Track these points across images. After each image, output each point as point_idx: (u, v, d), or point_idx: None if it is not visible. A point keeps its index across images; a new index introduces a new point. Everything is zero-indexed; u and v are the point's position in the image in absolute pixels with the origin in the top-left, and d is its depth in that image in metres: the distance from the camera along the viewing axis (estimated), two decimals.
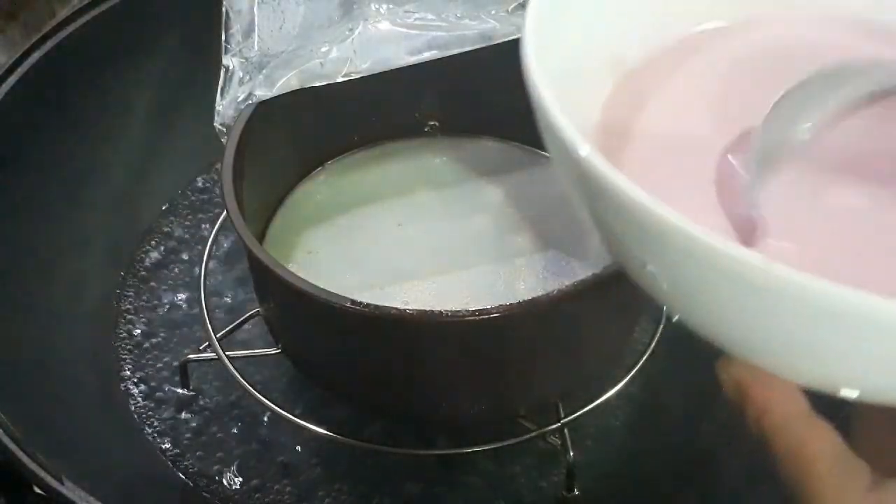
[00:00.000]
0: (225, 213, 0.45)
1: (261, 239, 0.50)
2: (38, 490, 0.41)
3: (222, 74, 0.47)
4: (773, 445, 0.25)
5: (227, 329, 0.50)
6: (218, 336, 0.49)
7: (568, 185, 0.24)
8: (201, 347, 0.52)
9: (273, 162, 0.51)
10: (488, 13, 0.48)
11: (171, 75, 0.59)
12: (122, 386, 0.53)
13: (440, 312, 0.39)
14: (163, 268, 0.58)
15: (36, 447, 0.41)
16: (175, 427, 0.51)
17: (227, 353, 0.49)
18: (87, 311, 0.55)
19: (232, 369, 0.48)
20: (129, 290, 0.57)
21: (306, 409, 0.51)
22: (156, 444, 0.51)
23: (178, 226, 0.60)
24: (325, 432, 0.47)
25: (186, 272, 0.58)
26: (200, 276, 0.53)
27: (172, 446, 0.51)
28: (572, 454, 0.46)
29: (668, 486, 0.49)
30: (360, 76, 0.47)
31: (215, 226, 0.56)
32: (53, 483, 0.39)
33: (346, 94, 0.47)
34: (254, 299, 0.50)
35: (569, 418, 0.47)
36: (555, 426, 0.46)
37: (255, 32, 0.48)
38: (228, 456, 0.50)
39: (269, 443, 0.50)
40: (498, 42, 0.47)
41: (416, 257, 0.49)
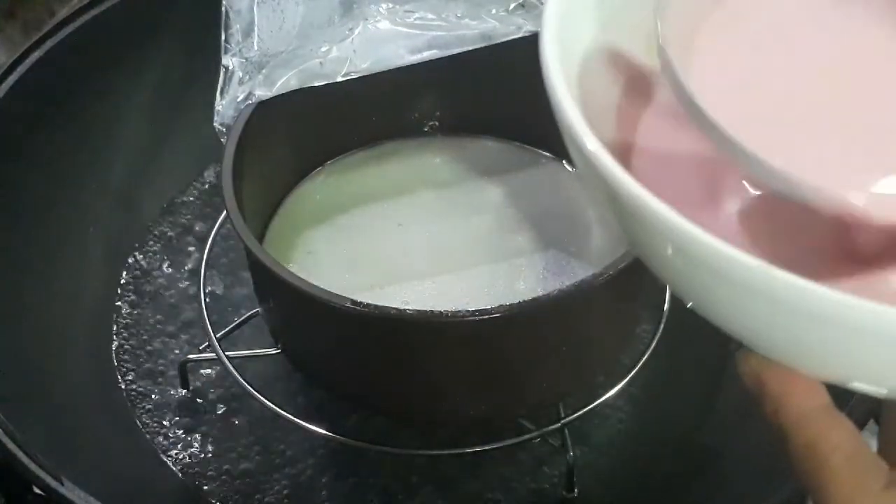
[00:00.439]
0: (225, 213, 0.45)
1: (261, 239, 0.50)
2: (37, 490, 0.41)
3: (222, 74, 0.47)
4: (790, 440, 0.25)
5: (227, 329, 0.50)
6: (218, 336, 0.49)
7: (585, 184, 0.24)
8: (201, 347, 0.52)
9: (273, 162, 0.51)
10: (488, 13, 0.48)
11: (171, 75, 0.59)
12: (122, 386, 0.53)
13: (440, 312, 0.39)
14: (162, 267, 0.58)
15: (35, 447, 0.41)
16: (175, 427, 0.51)
17: (227, 353, 0.49)
18: (87, 311, 0.55)
19: (232, 369, 0.48)
20: (129, 289, 0.57)
21: (306, 409, 0.51)
22: (156, 444, 0.51)
23: (177, 226, 0.60)
24: (325, 432, 0.47)
25: (186, 272, 0.58)
26: (200, 275, 0.53)
27: (172, 446, 0.51)
28: (572, 454, 0.46)
29: (668, 486, 0.49)
30: (360, 76, 0.47)
31: (215, 226, 0.56)
32: (53, 483, 0.39)
33: (345, 94, 0.47)
34: (254, 299, 0.50)
35: (569, 418, 0.47)
36: (555, 426, 0.46)
37: (255, 32, 0.48)
38: (228, 456, 0.50)
39: (269, 443, 0.50)
40: (498, 42, 0.47)
41: (416, 257, 0.49)
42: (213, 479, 0.49)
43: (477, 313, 0.39)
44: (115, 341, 0.55)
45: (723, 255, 0.20)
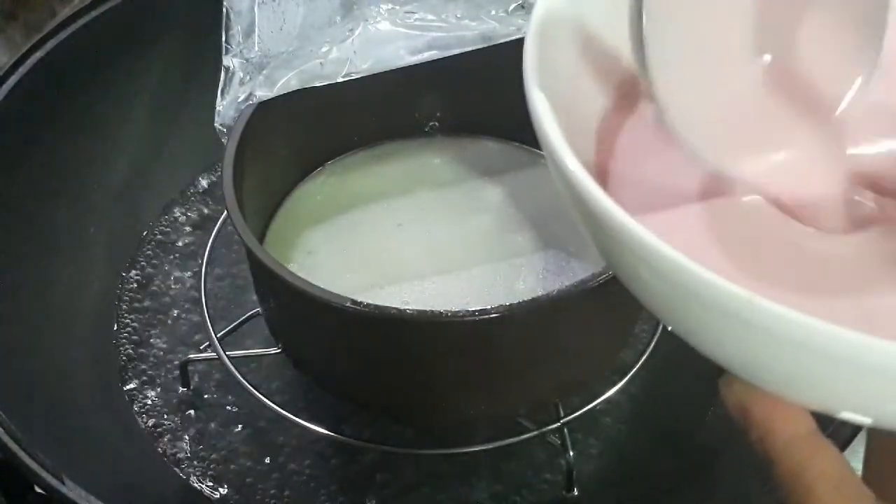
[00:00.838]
0: (225, 213, 0.45)
1: (261, 239, 0.50)
2: (38, 489, 0.41)
3: (223, 75, 0.47)
4: (776, 467, 0.25)
5: (227, 329, 0.50)
6: (218, 336, 0.49)
7: (573, 213, 0.24)
8: (201, 347, 0.52)
9: (273, 162, 0.51)
10: (488, 13, 0.48)
11: (171, 75, 0.59)
12: (122, 386, 0.53)
13: (440, 312, 0.39)
14: (163, 267, 0.58)
15: (36, 447, 0.41)
16: (175, 427, 0.51)
17: (227, 353, 0.49)
18: (87, 311, 0.55)
19: (232, 369, 0.48)
20: (129, 290, 0.57)
21: (306, 409, 0.51)
22: (156, 443, 0.51)
23: (178, 226, 0.60)
24: (325, 432, 0.47)
25: (186, 272, 0.58)
26: (201, 275, 0.53)
27: (172, 446, 0.51)
28: (572, 454, 0.46)
29: (668, 486, 0.49)
30: (360, 76, 0.47)
31: (215, 226, 0.56)
32: (54, 482, 0.40)
33: (346, 95, 0.48)
34: (254, 299, 0.50)
35: (569, 418, 0.47)
36: (554, 426, 0.46)
37: (256, 33, 0.48)
38: (228, 455, 0.50)
39: (269, 442, 0.51)
40: (498, 42, 0.47)
41: (416, 257, 0.49)
42: (214, 478, 0.49)
43: (477, 313, 0.39)
44: (116, 341, 0.55)
45: (707, 283, 0.19)
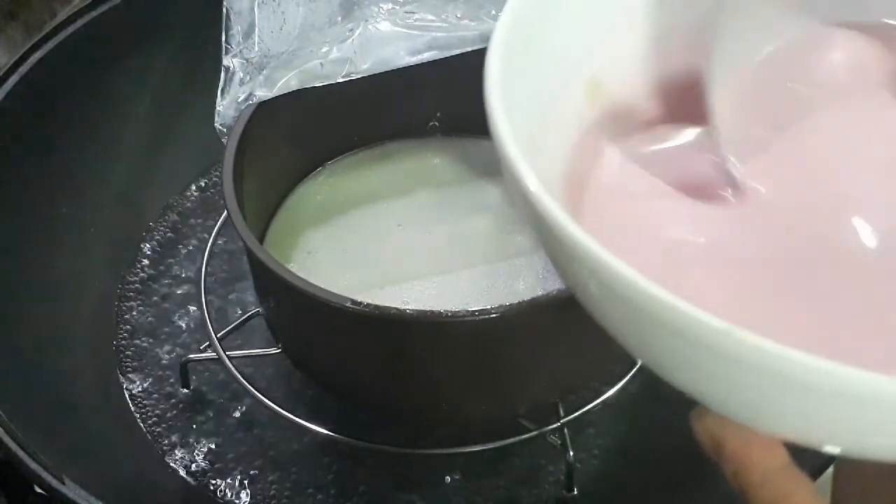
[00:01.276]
0: (225, 213, 0.45)
1: (261, 239, 0.50)
2: (38, 489, 0.41)
3: (223, 75, 0.47)
4: (752, 501, 0.24)
5: (227, 329, 0.50)
6: (218, 336, 0.49)
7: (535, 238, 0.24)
8: (201, 347, 0.52)
9: (273, 162, 0.51)
10: (488, 13, 0.48)
11: (171, 75, 0.59)
12: (123, 386, 0.53)
13: (440, 312, 0.39)
14: (163, 268, 0.58)
15: (37, 447, 0.41)
16: (175, 427, 0.51)
17: (227, 353, 0.49)
18: (87, 311, 0.55)
19: (232, 369, 0.48)
20: (129, 289, 0.57)
21: (306, 409, 0.51)
22: (156, 444, 0.51)
23: (178, 226, 0.60)
24: (325, 432, 0.47)
25: (186, 272, 0.58)
26: (201, 275, 0.53)
27: (172, 446, 0.51)
28: (572, 454, 0.46)
29: (668, 486, 0.49)
30: (360, 76, 0.47)
31: (215, 226, 0.56)
32: (54, 483, 0.40)
33: (346, 95, 0.48)
34: (254, 299, 0.50)
35: (569, 418, 0.47)
36: (555, 426, 0.46)
37: (256, 33, 0.48)
38: (228, 455, 0.50)
39: (269, 442, 0.51)
40: None
41: (416, 257, 0.49)
42: (214, 478, 0.49)
43: (477, 313, 0.39)
44: (116, 340, 0.55)
45: (680, 313, 0.18)
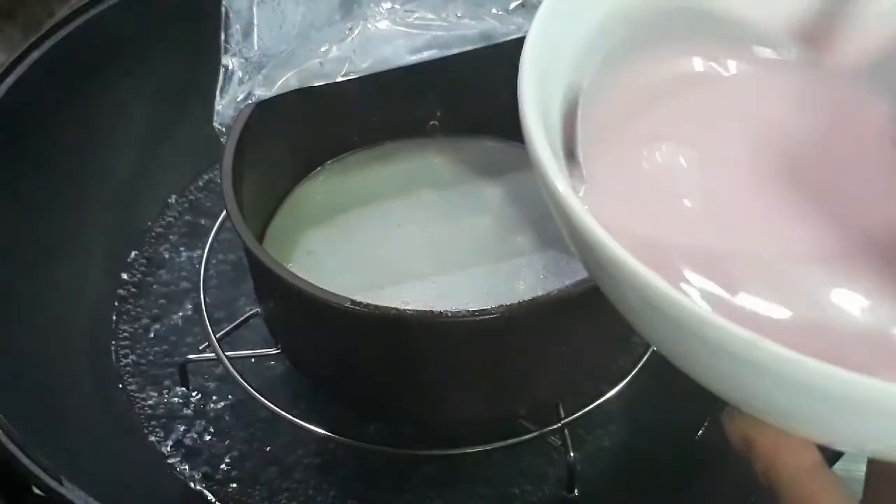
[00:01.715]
0: (225, 213, 0.45)
1: (261, 239, 0.50)
2: (37, 491, 0.41)
3: (221, 74, 0.47)
4: (782, 500, 0.25)
5: (227, 329, 0.50)
6: (218, 336, 0.49)
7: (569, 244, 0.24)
8: (201, 347, 0.52)
9: (273, 162, 0.51)
10: (488, 12, 0.48)
11: (170, 75, 0.59)
12: (122, 386, 0.53)
13: (440, 312, 0.39)
14: (162, 268, 0.58)
15: (35, 447, 0.41)
16: (175, 427, 0.51)
17: (226, 353, 0.49)
18: (87, 310, 0.55)
19: (231, 369, 0.48)
20: (128, 290, 0.57)
21: (306, 409, 0.51)
22: (156, 443, 0.51)
23: (177, 226, 0.60)
24: (324, 432, 0.47)
25: (186, 272, 0.58)
26: (200, 275, 0.53)
27: (172, 446, 0.51)
28: (572, 454, 0.46)
29: (668, 487, 0.49)
30: (359, 76, 0.46)
31: (215, 226, 0.56)
32: (52, 483, 0.39)
33: (346, 94, 0.47)
34: (254, 299, 0.50)
35: (569, 418, 0.47)
36: (555, 426, 0.46)
37: (255, 32, 0.48)
38: (228, 456, 0.50)
39: (269, 443, 0.50)
40: (498, 41, 0.47)
41: (416, 257, 0.49)
42: (213, 478, 0.49)
43: (477, 313, 0.38)
44: (115, 341, 0.55)
45: (712, 325, 0.19)
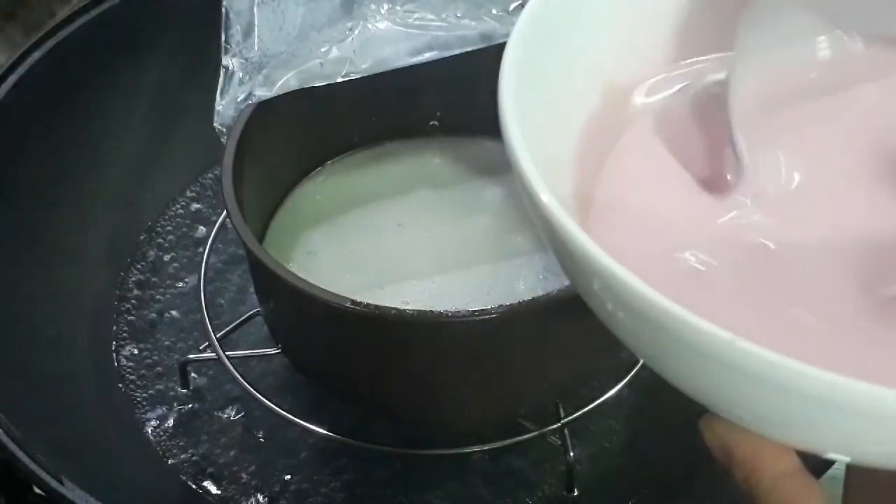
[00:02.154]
0: (225, 213, 0.45)
1: (261, 239, 0.50)
2: (37, 490, 0.41)
3: (222, 75, 0.47)
4: None
5: (227, 329, 0.50)
6: (218, 336, 0.49)
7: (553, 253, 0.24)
8: (201, 347, 0.52)
9: (273, 162, 0.51)
10: (488, 13, 0.48)
11: (170, 75, 0.59)
12: (122, 386, 0.53)
13: (440, 312, 0.39)
14: (163, 267, 0.58)
15: (35, 447, 0.41)
16: (175, 427, 0.51)
17: (226, 353, 0.49)
18: (87, 311, 0.55)
19: (232, 369, 0.48)
20: (130, 289, 0.57)
21: (306, 409, 0.51)
22: (155, 443, 0.51)
23: (178, 226, 0.60)
24: (324, 432, 0.47)
25: (186, 272, 0.58)
26: (200, 275, 0.53)
27: (172, 446, 0.51)
28: (572, 454, 0.46)
29: (668, 487, 0.49)
30: (359, 76, 0.46)
31: (215, 226, 0.56)
32: (53, 483, 0.39)
33: (346, 94, 0.47)
34: (254, 299, 0.50)
35: (569, 418, 0.47)
36: (555, 426, 0.46)
37: (255, 33, 0.48)
38: (227, 456, 0.50)
39: (269, 442, 0.50)
40: (498, 42, 0.47)
41: (416, 257, 0.49)
42: (213, 478, 0.49)
43: (477, 313, 0.39)
44: (116, 341, 0.55)
45: (688, 324, 0.19)
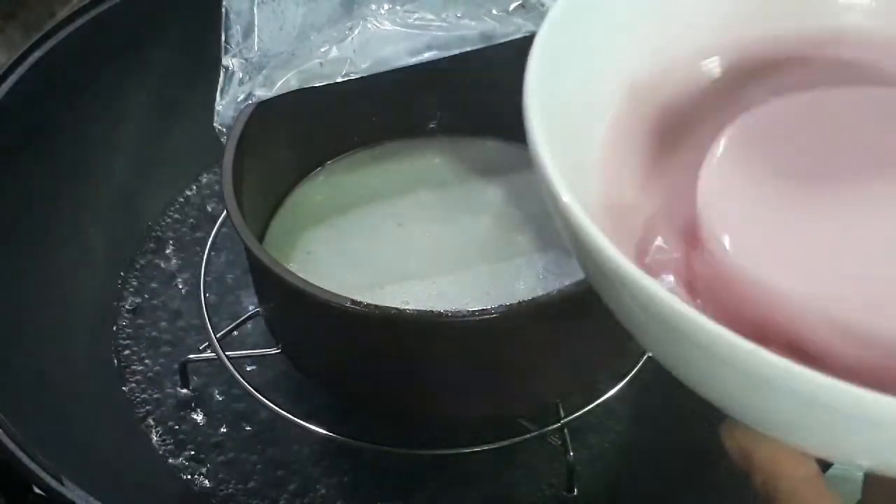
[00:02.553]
0: (225, 213, 0.45)
1: (261, 239, 0.50)
2: (37, 490, 0.41)
3: (222, 75, 0.47)
4: None
5: (227, 329, 0.50)
6: (218, 336, 0.49)
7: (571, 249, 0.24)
8: (201, 347, 0.52)
9: (273, 162, 0.51)
10: (488, 13, 0.48)
11: (170, 75, 0.59)
12: (123, 386, 0.53)
13: (440, 312, 0.39)
14: (163, 268, 0.58)
15: (36, 447, 0.41)
16: (175, 427, 0.51)
17: (226, 353, 0.49)
18: (87, 311, 0.55)
19: (232, 369, 0.48)
20: (129, 289, 0.57)
21: (306, 409, 0.51)
22: (156, 444, 0.51)
23: (178, 226, 0.60)
24: (324, 432, 0.47)
25: (186, 272, 0.58)
26: (200, 275, 0.53)
27: (172, 446, 0.51)
28: (572, 454, 0.46)
29: (668, 487, 0.49)
30: (359, 76, 0.46)
31: (215, 226, 0.56)
32: (53, 483, 0.39)
33: (346, 94, 0.47)
34: (254, 299, 0.50)
35: (569, 418, 0.47)
36: (555, 426, 0.46)
37: (255, 33, 0.48)
38: (228, 456, 0.50)
39: (269, 443, 0.50)
40: (498, 42, 0.47)
41: (416, 257, 0.49)
42: (213, 478, 0.49)
43: (477, 313, 0.39)
44: (116, 341, 0.55)
45: (711, 333, 0.19)
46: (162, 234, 0.60)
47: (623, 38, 0.29)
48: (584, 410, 0.47)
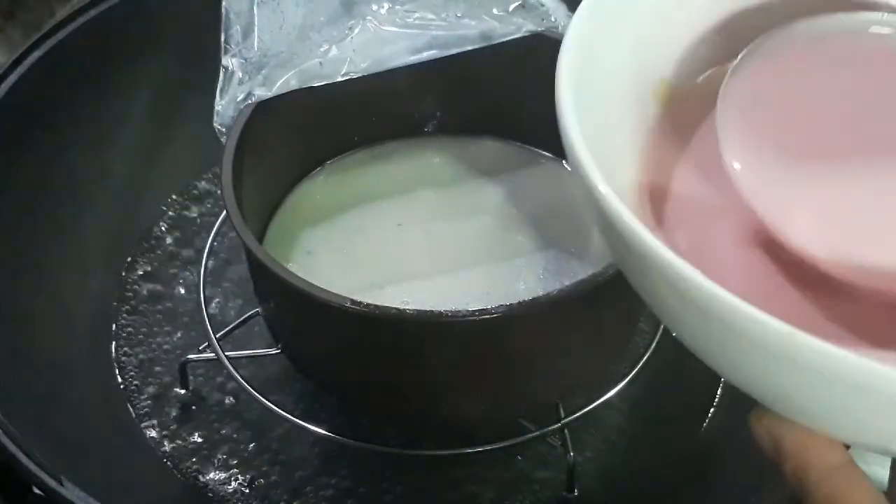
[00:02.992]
0: (225, 213, 0.45)
1: (261, 239, 0.50)
2: (37, 491, 0.41)
3: (222, 75, 0.47)
4: (810, 498, 0.24)
5: (227, 329, 0.50)
6: (217, 336, 0.49)
7: (610, 249, 0.24)
8: (201, 347, 0.52)
9: (273, 162, 0.51)
10: (488, 13, 0.48)
11: (170, 75, 0.59)
12: (122, 386, 0.53)
13: (440, 312, 0.39)
14: (162, 268, 0.58)
15: (35, 447, 0.41)
16: (174, 427, 0.51)
17: (226, 354, 0.49)
18: (87, 311, 0.55)
19: (231, 369, 0.48)
20: (129, 290, 0.57)
21: (306, 409, 0.51)
22: (156, 444, 0.51)
23: (177, 226, 0.60)
24: (324, 432, 0.47)
25: (185, 272, 0.58)
26: (200, 276, 0.53)
27: (172, 446, 0.51)
28: (572, 454, 0.46)
29: (668, 487, 0.49)
30: (359, 76, 0.46)
31: (215, 226, 0.56)
32: (52, 483, 0.39)
33: (345, 94, 0.47)
34: (254, 299, 0.50)
35: (569, 418, 0.47)
36: (555, 426, 0.46)
37: (255, 33, 0.48)
38: (227, 456, 0.50)
39: (269, 443, 0.50)
40: (498, 41, 0.47)
41: (416, 257, 0.49)
42: (213, 478, 0.49)
43: (477, 313, 0.38)
44: (115, 341, 0.55)
45: (746, 315, 0.19)
46: (162, 233, 0.60)
47: (656, 32, 0.29)
48: (585, 410, 0.47)
